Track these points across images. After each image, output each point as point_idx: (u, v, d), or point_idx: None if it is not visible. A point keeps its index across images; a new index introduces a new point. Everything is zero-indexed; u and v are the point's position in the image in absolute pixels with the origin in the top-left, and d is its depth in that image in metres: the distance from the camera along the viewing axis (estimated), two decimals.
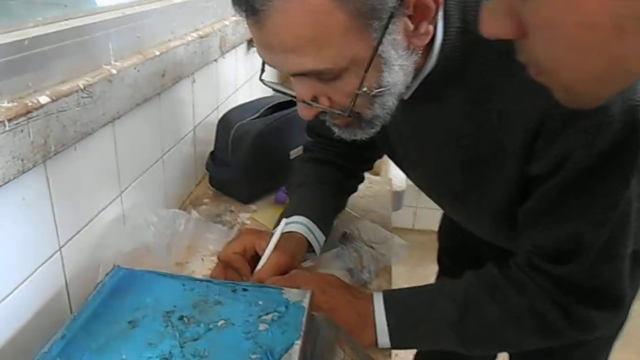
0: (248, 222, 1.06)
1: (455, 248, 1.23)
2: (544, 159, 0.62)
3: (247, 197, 1.12)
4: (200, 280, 0.65)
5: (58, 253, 0.68)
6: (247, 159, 1.07)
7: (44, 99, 0.59)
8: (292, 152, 1.16)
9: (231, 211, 1.09)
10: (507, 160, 0.66)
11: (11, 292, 0.61)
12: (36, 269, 0.64)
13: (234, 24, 1.25)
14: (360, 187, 1.23)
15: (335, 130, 0.71)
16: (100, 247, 0.74)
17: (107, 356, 0.53)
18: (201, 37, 1.05)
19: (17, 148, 0.55)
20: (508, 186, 0.68)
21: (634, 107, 0.56)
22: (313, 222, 0.89)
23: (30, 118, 0.57)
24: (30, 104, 0.57)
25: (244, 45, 1.43)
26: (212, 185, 1.16)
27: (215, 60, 1.19)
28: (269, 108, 1.16)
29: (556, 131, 0.60)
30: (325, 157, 0.99)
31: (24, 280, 0.63)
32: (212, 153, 1.14)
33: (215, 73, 1.22)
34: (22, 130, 0.56)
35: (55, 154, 0.63)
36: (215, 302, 0.61)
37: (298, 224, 0.88)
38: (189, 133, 1.11)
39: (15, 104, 0.56)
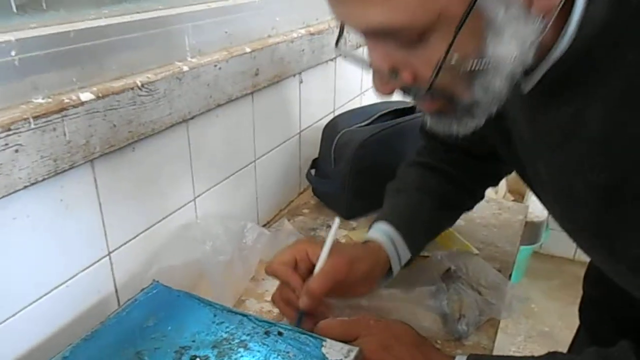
0: (343, 240, 0.95)
1: (607, 301, 0.97)
2: None
3: (348, 212, 1.01)
4: (235, 313, 0.56)
5: (107, 258, 0.64)
6: (348, 170, 0.96)
7: (86, 96, 0.55)
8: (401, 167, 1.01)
9: (328, 226, 0.99)
10: None
11: (49, 292, 0.58)
12: (77, 273, 0.61)
13: None
14: (487, 213, 1.05)
15: (427, 119, 0.55)
16: (158, 255, 0.69)
17: None
18: (311, 34, 0.96)
19: (48, 147, 0.52)
20: None
21: None
22: (399, 234, 0.73)
23: (65, 116, 0.53)
24: (67, 100, 0.53)
25: None
26: (316, 195, 1.07)
27: (332, 60, 1.09)
28: (383, 114, 1.04)
29: None
30: (436, 164, 0.82)
31: (63, 283, 0.60)
32: (315, 160, 1.05)
33: (333, 73, 1.13)
34: (54, 129, 0.52)
35: (102, 155, 0.58)
36: (239, 344, 0.51)
37: (380, 231, 0.73)
38: (293, 137, 1.03)
39: (50, 100, 0.52)
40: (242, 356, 0.50)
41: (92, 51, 0.57)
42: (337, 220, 0.68)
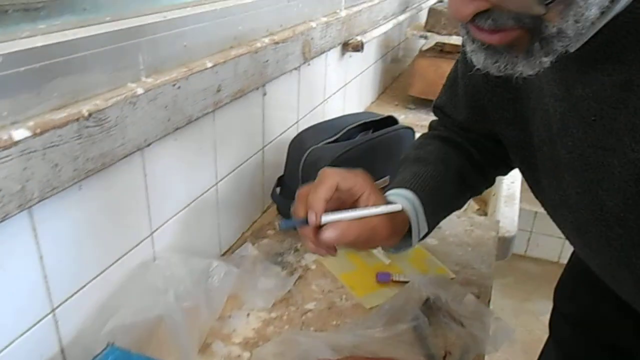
0: (313, 266, 0.88)
1: (582, 318, 0.94)
2: None
3: None
4: None
5: (50, 316, 0.55)
6: None
7: (20, 134, 0.45)
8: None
9: (296, 250, 0.92)
10: None
11: None
12: (14, 340, 0.52)
13: (324, 25, 1.07)
14: (459, 230, 1.01)
15: (481, 58, 0.48)
16: (112, 306, 0.60)
17: None
18: (276, 42, 0.88)
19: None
20: None
21: None
22: (420, 201, 0.67)
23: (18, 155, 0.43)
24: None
25: (338, 50, 1.25)
26: (281, 214, 1.00)
27: (297, 69, 1.02)
28: (352, 129, 0.97)
29: None
30: (457, 140, 0.76)
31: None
32: (280, 178, 0.97)
33: (297, 83, 1.05)
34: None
35: (41, 200, 0.49)
36: None
37: (400, 196, 0.67)
38: (255, 155, 0.95)
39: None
40: None
41: (27, 77, 0.47)
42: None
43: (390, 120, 1.03)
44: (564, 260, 0.94)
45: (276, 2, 0.90)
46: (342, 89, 1.35)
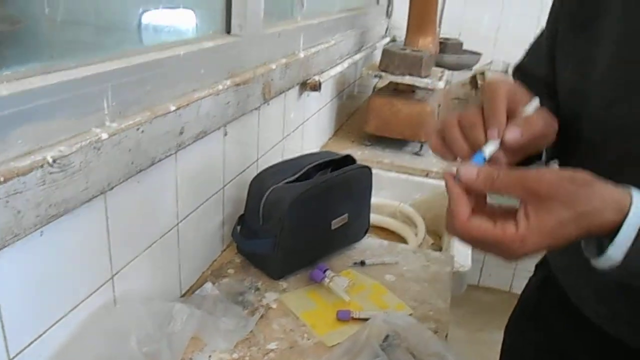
0: (274, 305, 0.89)
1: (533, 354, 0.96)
2: None
3: (278, 272, 0.95)
4: None
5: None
6: (280, 230, 0.90)
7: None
8: (334, 222, 0.98)
9: (257, 289, 0.92)
10: None
11: None
12: None
13: (283, 67, 1.10)
14: (416, 265, 1.04)
15: None
16: (70, 355, 0.59)
17: None
18: (237, 84, 0.90)
19: None
20: None
21: None
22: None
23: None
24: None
25: (296, 89, 1.28)
26: (241, 253, 1.00)
27: (257, 109, 1.04)
28: (311, 168, 1.00)
29: None
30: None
31: None
32: (241, 217, 0.98)
33: (257, 123, 1.07)
34: None
35: (1, 248, 0.48)
36: None
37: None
38: (216, 194, 0.96)
39: None
40: None
41: None
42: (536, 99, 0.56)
43: (348, 159, 1.07)
44: (516, 290, 0.98)
45: (237, 46, 0.93)
46: (300, 126, 1.38)
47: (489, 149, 0.52)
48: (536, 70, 0.72)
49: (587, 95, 0.61)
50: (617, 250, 0.46)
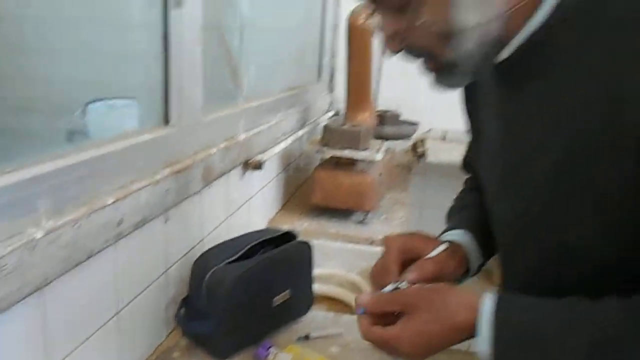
0: None
1: None
2: None
3: (223, 352, 0.96)
4: None
5: None
6: (224, 310, 0.93)
7: None
8: (275, 299, 1.01)
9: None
10: (629, 154, 0.51)
11: None
12: None
13: (223, 150, 1.16)
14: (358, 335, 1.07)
15: (430, 79, 0.67)
16: None
17: None
18: (176, 172, 0.95)
19: None
20: (627, 189, 0.52)
21: None
22: (474, 238, 0.81)
23: None
24: None
25: (239, 169, 1.33)
26: (186, 336, 1.01)
27: (198, 192, 1.08)
28: (253, 247, 1.03)
29: None
30: None
31: None
32: (184, 299, 1.00)
33: (199, 206, 1.11)
34: None
35: None
36: None
37: (458, 236, 0.81)
38: (159, 278, 0.98)
39: None
40: None
41: None
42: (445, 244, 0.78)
43: (289, 235, 1.11)
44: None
45: (176, 135, 0.99)
46: (245, 204, 1.42)
47: (388, 288, 0.72)
48: (474, 163, 0.85)
49: (485, 191, 0.78)
50: (482, 345, 0.58)
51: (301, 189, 2.08)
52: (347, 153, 1.67)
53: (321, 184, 1.71)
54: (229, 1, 1.34)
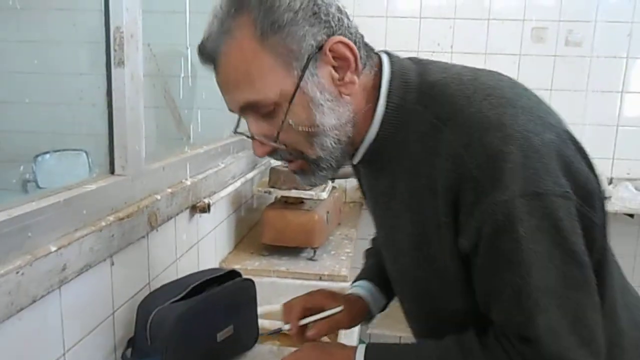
0: None
1: None
2: (465, 232, 0.68)
3: None
4: None
5: None
6: (167, 348, 0.98)
7: None
8: (219, 334, 1.07)
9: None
10: (444, 232, 0.70)
11: None
12: None
13: (169, 196, 1.23)
14: None
15: (297, 178, 0.81)
16: None
17: None
18: (121, 219, 1.01)
19: None
20: (451, 261, 0.72)
21: (536, 192, 0.63)
22: (376, 285, 1.00)
23: None
24: None
25: (187, 213, 1.40)
26: None
27: (144, 237, 1.14)
28: (198, 286, 1.10)
29: (471, 204, 0.66)
30: None
31: None
32: (131, 340, 1.05)
33: (145, 249, 1.17)
34: None
35: None
36: None
37: (360, 287, 1.00)
38: (105, 320, 1.02)
39: None
40: None
41: None
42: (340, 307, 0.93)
43: (234, 274, 1.18)
44: None
45: (121, 184, 1.05)
46: (195, 246, 1.48)
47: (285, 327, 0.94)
48: None
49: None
50: None
51: (254, 229, 2.15)
52: (293, 193, 1.75)
53: (270, 223, 1.78)
54: (176, 52, 1.44)
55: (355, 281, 1.03)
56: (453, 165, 0.67)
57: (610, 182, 2.35)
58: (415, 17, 2.48)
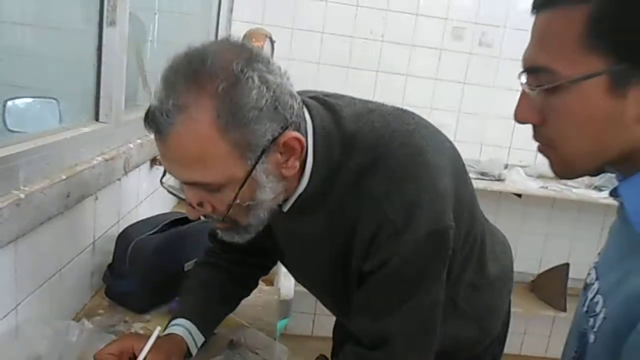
0: (141, 331, 1.12)
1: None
2: (373, 260, 0.81)
3: (143, 307, 1.19)
4: None
5: None
6: (145, 272, 1.16)
7: None
8: (186, 265, 1.26)
9: (125, 321, 1.15)
10: (353, 260, 0.84)
11: None
12: None
13: (139, 146, 1.38)
14: (251, 296, 1.35)
15: (219, 232, 0.86)
16: None
17: None
18: (106, 160, 1.17)
19: None
20: (353, 278, 0.86)
21: (437, 229, 0.79)
22: (194, 324, 0.99)
23: None
24: None
25: (147, 164, 1.55)
26: (108, 296, 1.22)
27: (119, 179, 1.30)
28: (167, 224, 1.27)
29: (386, 239, 0.78)
30: (219, 263, 1.09)
31: None
32: (110, 265, 1.21)
33: (119, 190, 1.33)
34: None
35: None
36: None
37: (179, 326, 0.98)
38: (88, 247, 1.18)
39: None
40: None
41: None
42: (158, 328, 0.92)
43: None
44: None
45: (105, 130, 1.20)
46: (152, 193, 1.64)
47: None
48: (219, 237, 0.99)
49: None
50: None
51: None
52: None
53: None
54: (144, 21, 1.57)
55: (172, 319, 1.01)
56: (374, 208, 0.78)
57: (505, 167, 2.75)
58: (353, 5, 2.71)
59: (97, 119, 1.22)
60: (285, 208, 0.87)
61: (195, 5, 2.37)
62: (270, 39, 2.27)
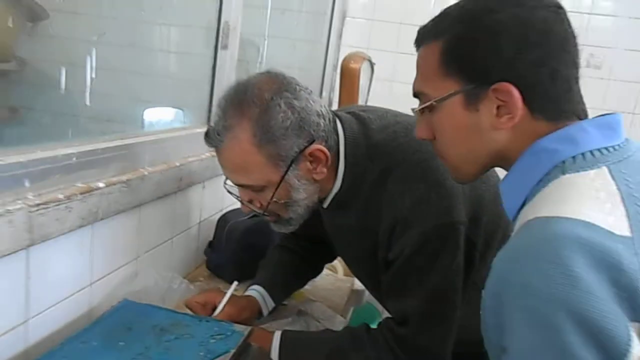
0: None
1: None
2: (395, 249, 0.96)
3: (233, 278, 1.43)
4: (179, 313, 0.97)
5: (89, 287, 1.01)
6: (236, 250, 1.41)
7: (100, 184, 0.96)
8: (271, 247, 1.49)
9: (218, 288, 1.40)
10: (379, 250, 1.00)
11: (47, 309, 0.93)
12: (69, 296, 0.97)
13: None
14: (327, 282, 1.54)
15: (270, 224, 1.07)
16: (118, 287, 1.07)
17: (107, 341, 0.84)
18: (213, 155, 1.44)
19: (80, 212, 0.91)
20: (381, 265, 1.01)
21: (444, 223, 0.92)
22: (267, 291, 1.20)
23: (90, 195, 0.93)
24: (92, 187, 0.94)
25: None
26: (208, 269, 1.49)
27: (221, 174, 1.57)
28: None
29: (401, 232, 0.94)
30: (292, 247, 1.31)
31: (59, 302, 0.95)
32: (210, 242, 1.48)
33: (220, 183, 1.60)
34: (85, 201, 0.92)
35: (103, 219, 0.98)
36: (185, 325, 0.92)
37: (254, 290, 1.20)
38: (195, 225, 1.46)
39: (84, 185, 0.93)
40: (189, 329, 0.90)
41: (93, 163, 0.99)
42: (235, 283, 1.14)
43: None
44: None
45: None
46: None
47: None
48: (298, 231, 1.16)
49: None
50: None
51: None
52: None
53: None
54: (254, 43, 1.87)
55: (250, 286, 1.22)
56: (391, 206, 0.94)
57: None
58: None
59: (208, 123, 1.51)
60: (325, 204, 1.05)
61: (306, 32, 2.67)
62: (370, 61, 2.48)
